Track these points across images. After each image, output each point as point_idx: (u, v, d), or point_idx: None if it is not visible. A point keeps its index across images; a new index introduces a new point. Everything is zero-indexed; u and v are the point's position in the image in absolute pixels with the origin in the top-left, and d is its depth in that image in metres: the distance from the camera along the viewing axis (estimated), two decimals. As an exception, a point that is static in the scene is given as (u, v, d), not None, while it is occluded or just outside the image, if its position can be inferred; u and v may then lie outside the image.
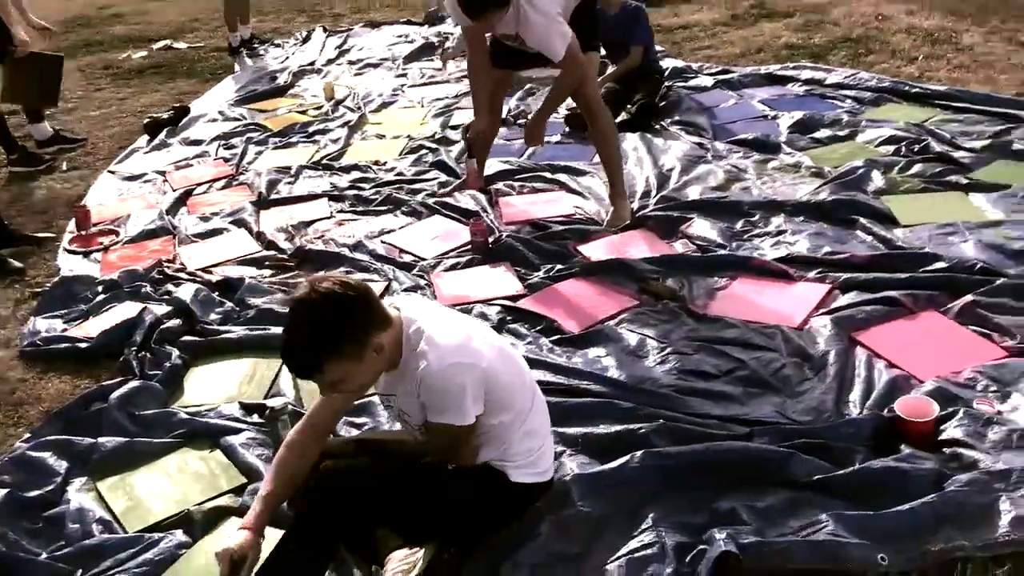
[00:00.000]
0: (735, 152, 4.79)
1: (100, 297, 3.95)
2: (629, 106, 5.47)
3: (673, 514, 2.36)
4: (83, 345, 3.54)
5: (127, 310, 3.76)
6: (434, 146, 5.39)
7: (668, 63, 6.32)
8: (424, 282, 3.82)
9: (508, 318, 3.47)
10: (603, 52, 5.04)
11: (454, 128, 5.70)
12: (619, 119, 5.19)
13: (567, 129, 5.42)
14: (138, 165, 5.66)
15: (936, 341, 3.03)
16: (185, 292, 3.75)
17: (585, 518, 2.36)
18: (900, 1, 7.64)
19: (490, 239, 4.07)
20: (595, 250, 3.94)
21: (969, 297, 3.16)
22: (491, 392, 2.18)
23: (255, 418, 3.02)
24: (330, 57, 8.00)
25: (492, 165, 4.87)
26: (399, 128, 5.85)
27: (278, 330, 3.37)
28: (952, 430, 2.55)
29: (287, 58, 8.15)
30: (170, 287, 3.96)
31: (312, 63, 7.85)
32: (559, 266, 3.81)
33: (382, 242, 4.26)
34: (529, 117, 4.65)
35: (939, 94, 5.19)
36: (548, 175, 4.76)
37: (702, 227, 3.98)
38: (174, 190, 5.14)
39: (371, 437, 2.66)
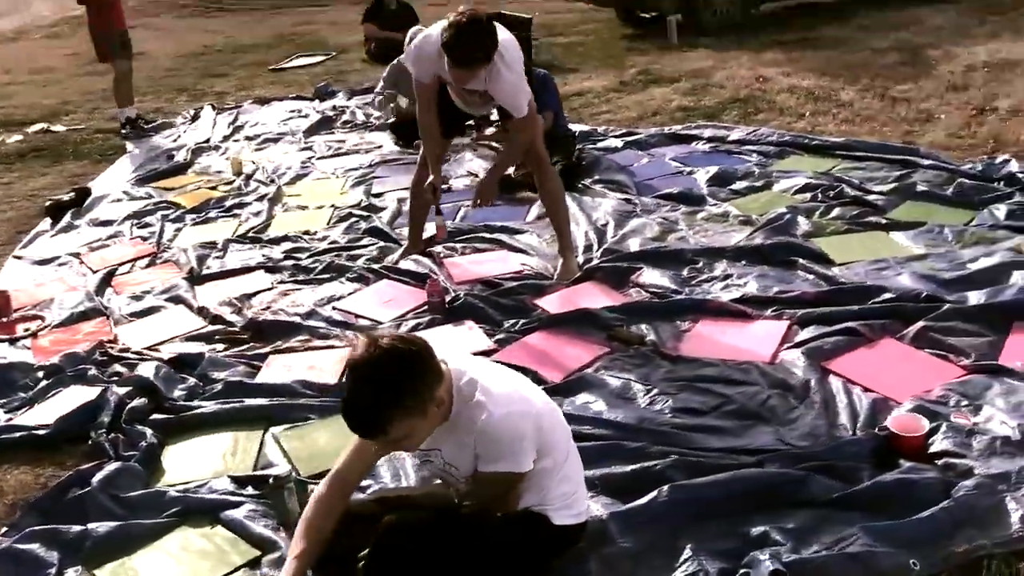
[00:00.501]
0: (663, 206, 5.01)
1: (43, 383, 3.75)
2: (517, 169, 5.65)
3: (708, 542, 2.43)
4: (40, 432, 3.35)
5: (80, 393, 3.58)
6: (363, 214, 5.40)
7: (575, 127, 6.55)
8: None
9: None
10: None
11: (377, 196, 5.74)
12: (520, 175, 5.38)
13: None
14: (47, 249, 5.43)
15: (900, 365, 3.24)
16: (146, 370, 3.61)
17: (627, 553, 2.40)
18: (773, 64, 8.19)
19: (446, 299, 4.11)
20: (552, 303, 4.03)
21: (921, 323, 3.40)
22: (539, 438, 2.22)
23: (250, 490, 2.93)
24: (225, 134, 7.91)
25: (429, 228, 4.91)
26: (319, 198, 5.84)
27: (253, 402, 3.38)
28: (940, 442, 2.74)
29: (178, 137, 8.01)
30: (118, 367, 3.80)
31: (207, 140, 7.74)
32: (522, 320, 3.87)
33: (334, 308, 4.23)
34: (481, 176, 4.71)
35: (838, 145, 5.59)
36: (487, 235, 4.85)
37: (652, 276, 4.13)
38: (94, 271, 4.96)
39: (393, 494, 2.63)
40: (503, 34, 3.95)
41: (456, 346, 3.72)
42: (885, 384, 3.11)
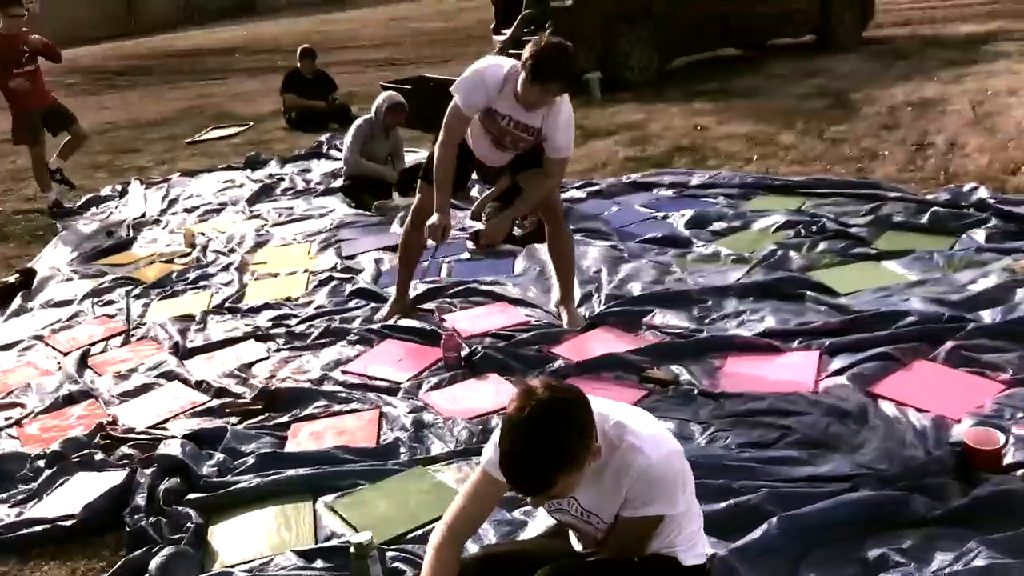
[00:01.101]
0: (649, 250, 5.05)
1: (46, 472, 3.50)
2: (523, 222, 5.64)
3: (830, 570, 2.41)
4: (66, 524, 3.11)
5: (97, 480, 3.36)
6: (343, 276, 5.28)
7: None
8: (418, 403, 3.70)
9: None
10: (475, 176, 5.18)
11: (350, 258, 5.63)
12: (523, 233, 5.37)
13: (471, 246, 5.51)
14: (3, 334, 5.10)
15: (942, 384, 3.32)
16: (172, 448, 3.40)
17: (756, 590, 2.36)
18: (704, 114, 8.46)
19: (462, 354, 4.03)
20: (570, 351, 4.00)
21: (950, 343, 3.50)
22: (687, 477, 2.18)
23: (319, 564, 2.77)
24: (162, 207, 7.66)
25: (417, 286, 4.83)
26: (288, 264, 5.68)
27: (293, 472, 3.20)
28: (1013, 454, 2.80)
29: (110, 213, 7.70)
30: (126, 449, 3.57)
31: (143, 215, 7.47)
32: (549, 369, 3.82)
33: (343, 372, 4.09)
34: (493, 217, 4.62)
35: (801, 183, 5.78)
36: (481, 287, 4.79)
37: (666, 317, 4.15)
38: (65, 353, 4.68)
39: (502, 550, 2.52)
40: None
41: (489, 399, 3.65)
42: (936, 403, 3.17)
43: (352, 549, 2.65)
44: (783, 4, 11.05)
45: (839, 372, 3.47)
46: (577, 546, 2.38)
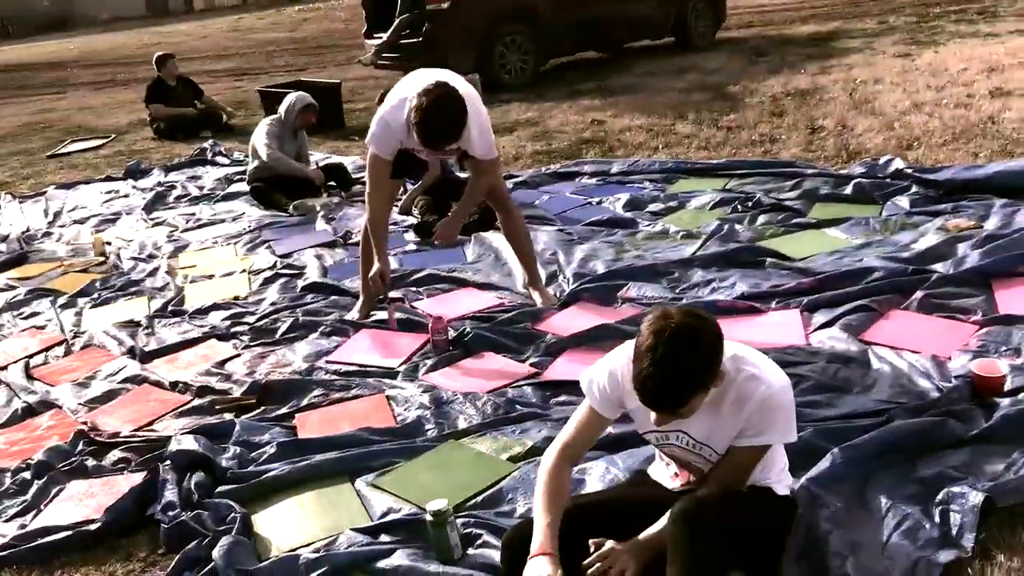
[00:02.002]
0: (598, 232, 5.18)
1: (35, 484, 3.27)
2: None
3: (894, 491, 2.59)
4: (93, 527, 2.93)
5: (109, 485, 3.18)
6: (289, 272, 5.16)
7: (453, 175, 6.62)
8: (425, 383, 3.67)
9: (548, 394, 3.48)
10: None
11: (286, 256, 5.50)
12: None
13: (417, 237, 5.51)
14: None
15: (923, 329, 3.59)
16: (187, 444, 3.24)
17: (834, 517, 2.49)
18: (595, 110, 8.71)
19: (450, 336, 4.03)
20: (555, 327, 4.06)
21: (920, 293, 3.79)
22: None
23: (385, 538, 2.73)
24: (48, 220, 7.23)
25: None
26: (219, 267, 5.50)
27: (321, 457, 3.15)
28: (1011, 380, 3.08)
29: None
30: (119, 453, 3.40)
31: (27, 229, 7.02)
32: (543, 343, 3.88)
33: (327, 362, 4.02)
34: (424, 210, 4.61)
35: (720, 166, 6.07)
36: (441, 274, 4.80)
37: (641, 289, 4.29)
38: (2, 368, 4.37)
39: (591, 499, 2.55)
40: (462, 87, 3.97)
41: (495, 375, 3.68)
42: (926, 345, 3.43)
43: (430, 517, 2.64)
44: (647, 8, 11.53)
45: (826, 325, 3.69)
46: (671, 484, 2.46)
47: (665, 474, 2.50)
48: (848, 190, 5.25)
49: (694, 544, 2.06)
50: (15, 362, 4.41)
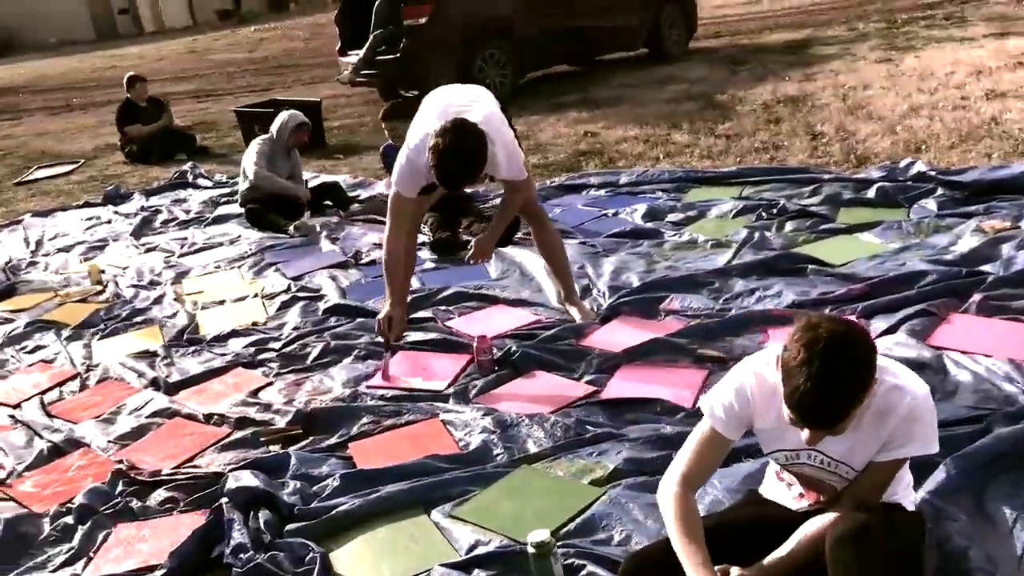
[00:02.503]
0: (622, 243, 5.07)
1: (79, 529, 3.06)
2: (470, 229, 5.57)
3: (1013, 499, 2.50)
4: (158, 574, 2.73)
5: (164, 526, 2.99)
6: (306, 295, 4.98)
7: (458, 190, 6.47)
8: (482, 406, 3.52)
9: (615, 413, 3.35)
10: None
11: (296, 279, 5.31)
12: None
13: (434, 255, 5.37)
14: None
15: (988, 332, 3.52)
16: (246, 481, 3.05)
17: (969, 527, 2.40)
18: (585, 122, 8.63)
19: (495, 356, 3.89)
20: (604, 343, 3.94)
21: (977, 295, 3.73)
22: None
23: (479, 572, 2.58)
24: (31, 249, 6.95)
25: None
26: (228, 291, 5.30)
27: (392, 488, 2.98)
28: (1097, 380, 3.02)
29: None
30: (164, 492, 3.21)
31: (9, 259, 6.73)
32: (596, 360, 3.75)
33: (368, 387, 3.85)
34: (481, 234, 4.47)
35: (733, 174, 6.00)
36: (469, 292, 4.66)
37: (685, 300, 4.18)
38: (14, 406, 4.13)
39: (711, 523, 2.42)
40: (486, 108, 3.86)
41: (554, 396, 3.54)
42: (999, 349, 3.36)
43: (532, 548, 2.48)
44: (624, 19, 11.51)
45: (887, 332, 3.61)
46: (795, 505, 2.34)
47: (786, 494, 2.38)
48: (871, 194, 5.21)
49: (863, 567, 1.95)
50: (28, 399, 4.18)
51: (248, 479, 3.05)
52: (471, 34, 10.39)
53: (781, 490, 2.40)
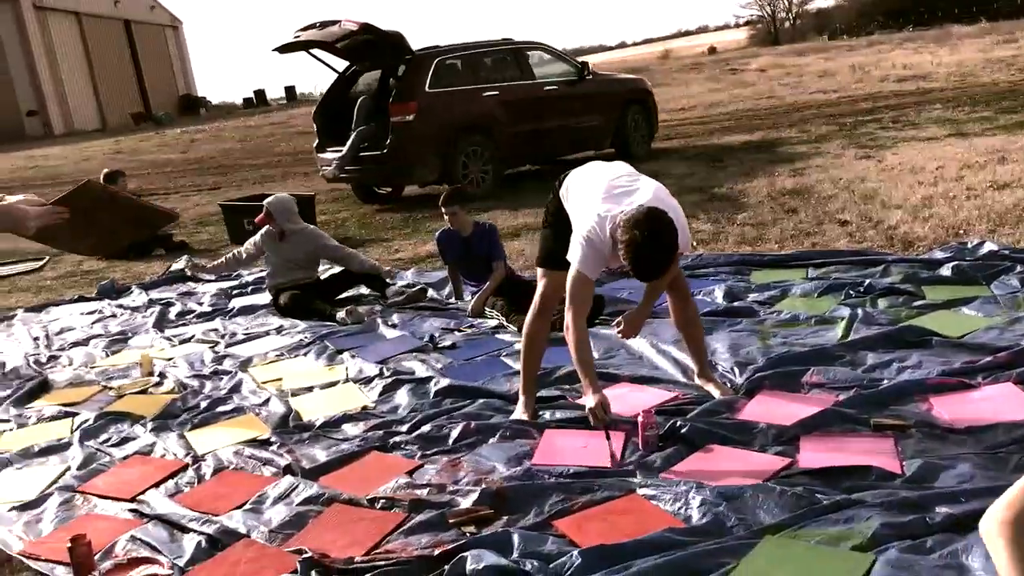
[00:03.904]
0: (719, 323, 5.07)
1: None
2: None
3: None
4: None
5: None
6: (404, 377, 4.80)
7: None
8: (688, 483, 3.39)
9: (823, 482, 3.29)
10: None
11: (381, 362, 5.12)
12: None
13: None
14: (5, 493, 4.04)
15: None
16: (489, 559, 2.84)
17: None
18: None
19: (659, 432, 3.79)
20: (761, 415, 3.88)
21: (1124, 356, 3.85)
22: None
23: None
24: (44, 344, 6.54)
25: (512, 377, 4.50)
26: (310, 378, 5.06)
27: (640, 564, 2.84)
28: None
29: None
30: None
31: (36, 353, 6.30)
32: (771, 432, 3.69)
33: (534, 465, 3.68)
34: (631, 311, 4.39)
35: (789, 257, 6.13)
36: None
37: (827, 373, 4.18)
38: (131, 499, 3.80)
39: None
40: (649, 183, 3.91)
41: (748, 469, 3.45)
42: None
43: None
44: (593, 119, 11.96)
45: (1050, 396, 3.68)
46: None
47: None
48: (945, 272, 5.37)
49: None
50: (143, 491, 3.84)
51: (491, 558, 2.85)
52: (455, 131, 10.59)
53: None
